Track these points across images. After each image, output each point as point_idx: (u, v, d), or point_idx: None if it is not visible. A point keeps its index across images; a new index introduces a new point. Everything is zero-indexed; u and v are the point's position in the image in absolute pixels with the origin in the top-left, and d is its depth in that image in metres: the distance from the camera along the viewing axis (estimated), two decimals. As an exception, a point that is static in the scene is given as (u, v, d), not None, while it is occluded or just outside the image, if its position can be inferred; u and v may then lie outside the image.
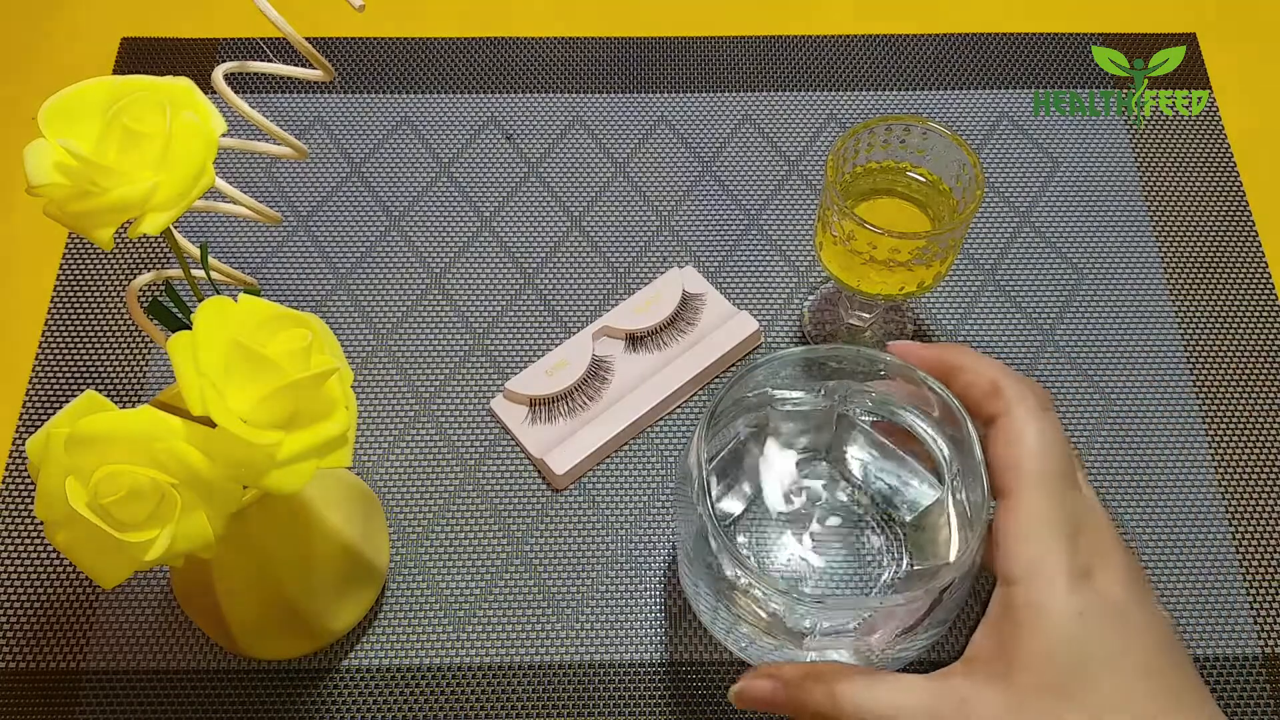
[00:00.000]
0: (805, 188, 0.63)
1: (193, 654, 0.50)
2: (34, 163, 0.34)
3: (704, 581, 0.42)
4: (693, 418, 0.56)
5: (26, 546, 0.52)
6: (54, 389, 0.56)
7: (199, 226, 0.61)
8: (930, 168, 0.50)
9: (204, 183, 0.35)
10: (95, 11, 0.69)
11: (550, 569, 0.52)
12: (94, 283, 0.60)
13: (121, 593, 0.51)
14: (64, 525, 0.33)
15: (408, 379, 0.57)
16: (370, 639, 0.50)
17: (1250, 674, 0.49)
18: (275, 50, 0.62)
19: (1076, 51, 0.68)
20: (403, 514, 0.53)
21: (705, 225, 0.62)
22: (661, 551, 0.52)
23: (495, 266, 0.61)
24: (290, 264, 0.60)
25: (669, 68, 0.68)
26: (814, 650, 0.41)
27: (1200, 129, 0.65)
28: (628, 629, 0.50)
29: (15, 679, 0.49)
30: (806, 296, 0.59)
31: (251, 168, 0.64)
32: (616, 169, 0.64)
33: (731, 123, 0.66)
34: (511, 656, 0.50)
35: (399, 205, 0.63)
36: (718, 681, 0.49)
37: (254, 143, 0.42)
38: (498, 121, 0.66)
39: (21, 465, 0.54)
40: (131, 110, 0.34)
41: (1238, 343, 0.58)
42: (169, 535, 0.32)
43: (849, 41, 0.69)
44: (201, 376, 0.33)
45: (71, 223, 0.35)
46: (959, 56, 0.68)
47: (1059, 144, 0.65)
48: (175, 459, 0.32)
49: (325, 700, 0.49)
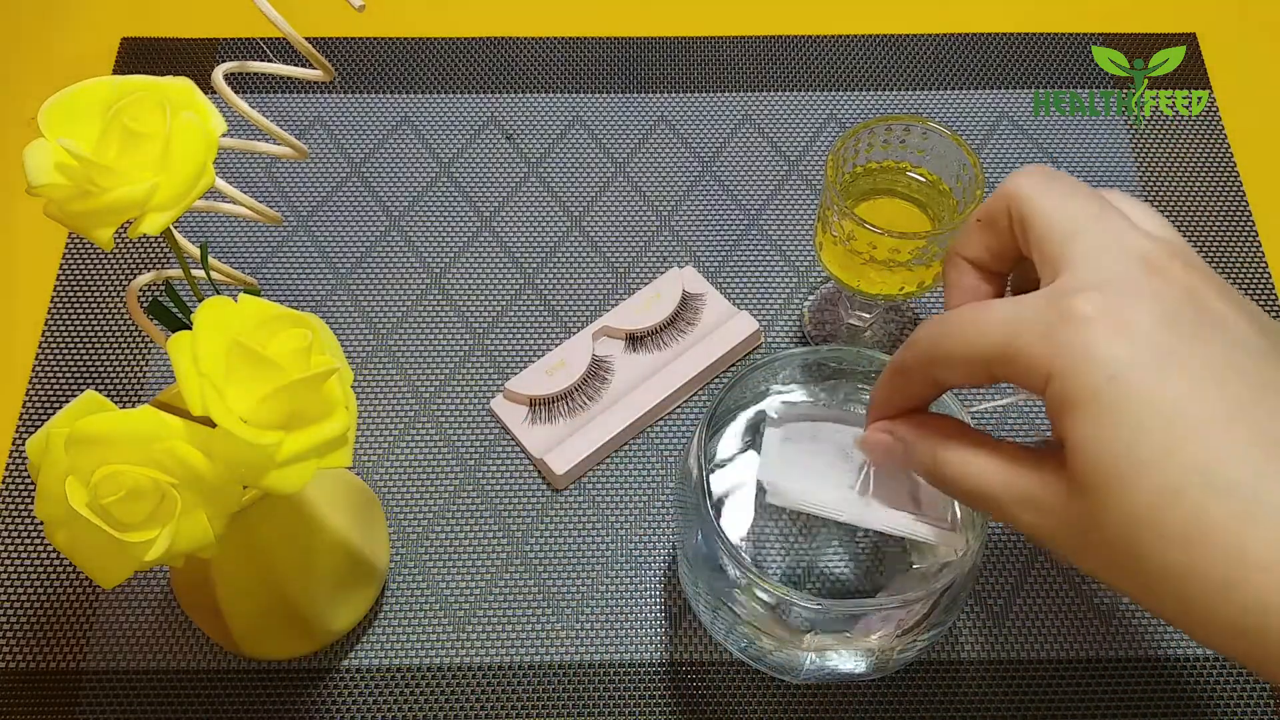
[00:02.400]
0: (805, 188, 0.63)
1: (193, 654, 0.50)
2: (34, 163, 0.34)
3: (704, 581, 0.42)
4: (693, 418, 0.56)
5: (26, 546, 0.52)
6: (54, 389, 0.56)
7: (199, 226, 0.61)
8: (930, 168, 0.50)
9: (204, 183, 0.35)
10: (95, 11, 0.69)
11: (550, 569, 0.52)
12: (94, 283, 0.60)
13: (121, 593, 0.51)
14: (64, 525, 0.33)
15: (408, 379, 0.57)
16: (370, 639, 0.50)
17: (1250, 673, 0.49)
18: (275, 50, 0.62)
19: (1076, 51, 0.68)
20: (403, 514, 0.53)
21: (705, 225, 0.62)
22: (661, 551, 0.52)
23: (495, 266, 0.61)
24: (290, 264, 0.60)
25: (669, 68, 0.68)
26: (814, 650, 0.41)
27: (1200, 129, 0.65)
28: (628, 629, 0.50)
29: (15, 679, 0.49)
30: (806, 296, 0.59)
31: (251, 168, 0.64)
32: (616, 169, 0.64)
33: (731, 123, 0.66)
34: (511, 656, 0.50)
35: (399, 205, 0.63)
36: (718, 681, 0.49)
37: (254, 143, 0.43)
38: (498, 121, 0.66)
39: (21, 465, 0.54)
40: (131, 110, 0.34)
41: (1238, 343, 0.58)
42: (169, 535, 0.32)
43: (849, 41, 0.69)
44: (201, 376, 0.33)
45: (71, 223, 0.35)
46: (959, 56, 0.68)
47: (1059, 144, 0.65)
48: (175, 459, 0.32)
49: (325, 700, 0.49)
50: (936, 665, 0.49)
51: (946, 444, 0.33)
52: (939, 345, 0.33)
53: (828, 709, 0.49)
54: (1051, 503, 0.30)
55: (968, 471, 0.32)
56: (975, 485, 0.32)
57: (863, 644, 0.41)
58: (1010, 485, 0.31)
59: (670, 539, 0.53)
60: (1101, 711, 0.49)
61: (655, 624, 0.51)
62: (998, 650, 0.50)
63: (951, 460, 0.33)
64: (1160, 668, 0.49)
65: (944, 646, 0.50)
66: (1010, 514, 0.31)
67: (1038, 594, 0.51)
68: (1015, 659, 0.50)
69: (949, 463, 0.33)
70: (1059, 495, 0.30)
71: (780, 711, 0.49)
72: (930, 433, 0.34)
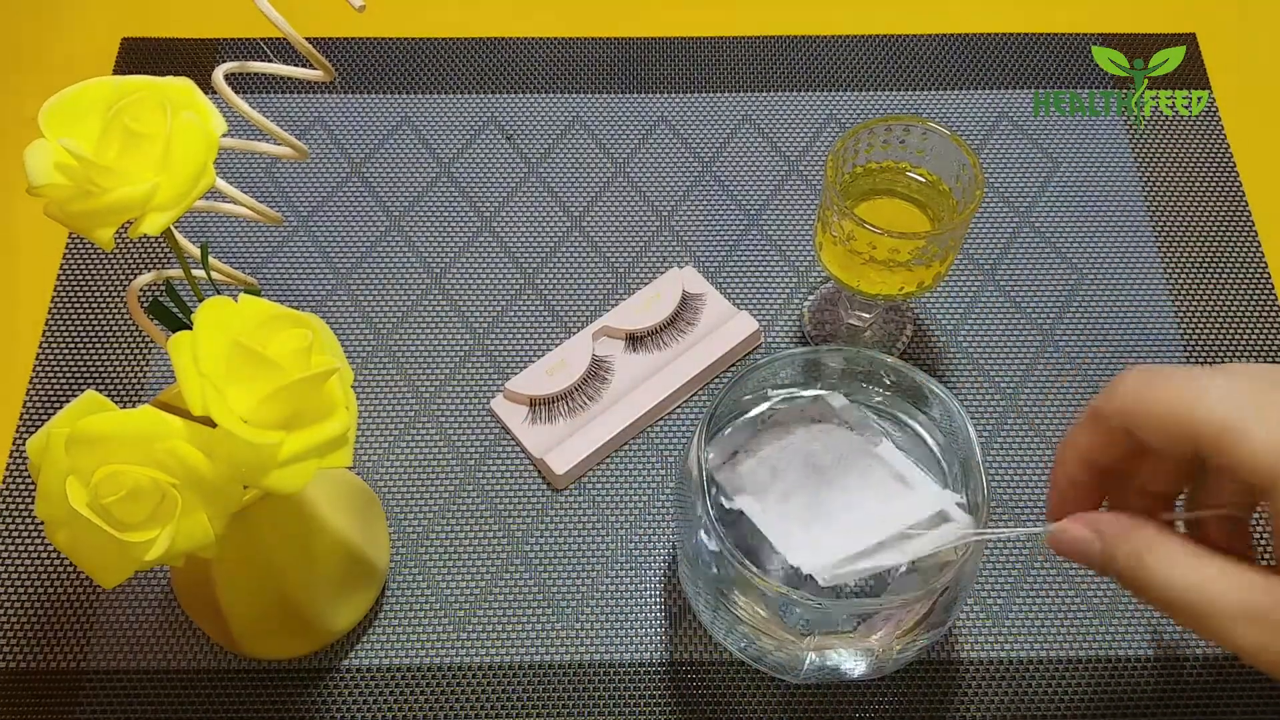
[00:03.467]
0: (805, 188, 0.63)
1: (193, 654, 0.50)
2: (34, 163, 0.34)
3: (704, 581, 0.42)
4: (693, 418, 0.56)
5: (27, 546, 0.52)
6: (54, 389, 0.56)
7: (199, 226, 0.61)
8: (930, 168, 0.50)
9: (204, 183, 0.35)
10: (95, 11, 0.69)
11: (550, 569, 0.52)
12: (94, 283, 0.60)
13: (122, 593, 0.51)
14: (64, 525, 0.33)
15: (408, 379, 0.57)
16: (370, 639, 0.50)
17: (1250, 673, 0.49)
18: (275, 50, 0.62)
19: (1076, 51, 0.68)
20: (403, 514, 0.53)
21: (705, 225, 0.62)
22: (661, 551, 0.52)
23: (495, 266, 0.61)
24: (290, 264, 0.61)
25: (669, 68, 0.68)
26: (814, 650, 0.41)
27: (1200, 129, 0.65)
28: (628, 629, 0.50)
29: (16, 679, 0.49)
30: (806, 296, 0.60)
31: (252, 168, 0.64)
32: (616, 169, 0.64)
33: (731, 123, 0.66)
34: (511, 656, 0.50)
35: (399, 205, 0.63)
36: (718, 681, 0.49)
37: (254, 143, 0.43)
38: (498, 121, 0.66)
39: (21, 465, 0.54)
40: (132, 110, 0.34)
41: (1237, 343, 0.58)
42: (169, 535, 0.33)
43: (849, 41, 0.69)
44: (202, 377, 0.33)
45: (72, 223, 0.35)
46: (959, 56, 0.68)
47: (1059, 144, 0.65)
48: (176, 459, 0.32)
49: (325, 700, 0.49)
50: (936, 665, 0.49)
51: (1154, 543, 0.31)
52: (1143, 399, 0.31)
53: (828, 709, 0.49)
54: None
55: (1177, 576, 0.30)
56: (1186, 592, 0.29)
57: (863, 644, 0.41)
58: (1231, 594, 0.29)
59: (670, 539, 0.53)
60: (1101, 711, 0.49)
61: (655, 624, 0.51)
62: (997, 650, 0.50)
63: (1159, 564, 0.30)
64: (1160, 668, 0.49)
65: (944, 646, 0.50)
66: (1224, 628, 0.29)
67: (1038, 594, 0.51)
68: (1015, 659, 0.50)
69: (1154, 567, 0.30)
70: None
71: (780, 711, 0.49)
72: (1135, 529, 0.32)
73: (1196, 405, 0.29)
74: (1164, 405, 0.30)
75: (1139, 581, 0.31)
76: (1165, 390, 0.30)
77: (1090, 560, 0.33)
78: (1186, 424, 0.30)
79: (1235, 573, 0.29)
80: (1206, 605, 0.29)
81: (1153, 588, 0.30)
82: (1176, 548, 0.30)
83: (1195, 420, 0.29)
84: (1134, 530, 0.32)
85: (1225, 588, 0.29)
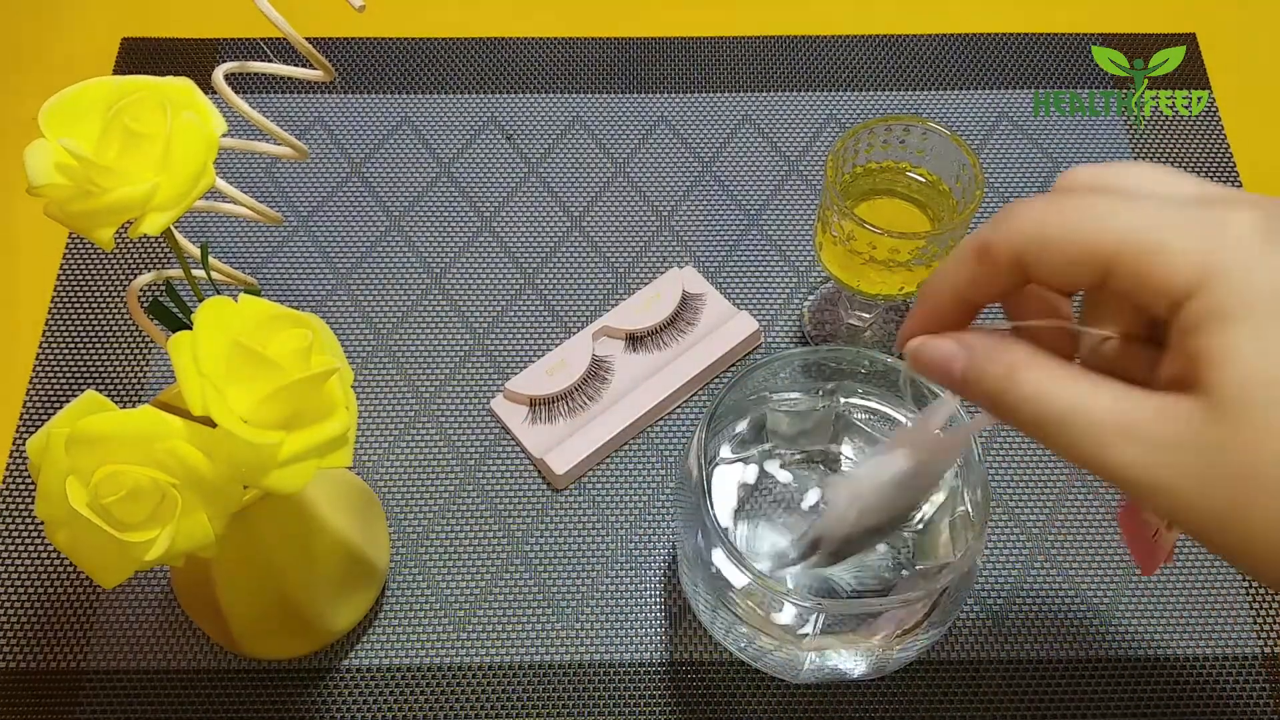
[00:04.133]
0: (805, 188, 0.63)
1: (193, 654, 0.50)
2: (34, 163, 0.34)
3: (703, 581, 0.42)
4: (693, 418, 0.56)
5: (26, 546, 0.52)
6: (54, 389, 0.56)
7: (199, 226, 0.61)
8: (930, 168, 0.50)
9: (204, 183, 0.35)
10: (95, 11, 0.69)
11: (550, 569, 0.52)
12: (94, 283, 0.60)
13: (122, 593, 0.51)
14: (65, 525, 0.33)
15: (408, 379, 0.57)
16: (370, 639, 0.50)
17: (1250, 674, 0.49)
18: (275, 50, 0.62)
19: (1076, 51, 0.68)
20: (403, 514, 0.53)
21: (705, 225, 0.62)
22: (661, 551, 0.52)
23: (495, 266, 0.61)
24: (290, 264, 0.61)
25: (669, 68, 0.68)
26: (814, 650, 0.41)
27: (1200, 129, 0.65)
28: (628, 629, 0.50)
29: (16, 679, 0.49)
30: (806, 296, 0.60)
31: (252, 168, 0.64)
32: (616, 169, 0.64)
33: (731, 123, 0.66)
34: (511, 656, 0.50)
35: (399, 205, 0.63)
36: (718, 681, 0.49)
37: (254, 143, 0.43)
38: (498, 121, 0.66)
39: (21, 465, 0.54)
40: (132, 110, 0.34)
41: (1237, 343, 0.58)
42: (169, 535, 0.33)
43: (849, 41, 0.69)
44: (202, 376, 0.33)
45: (72, 223, 0.35)
46: (959, 56, 0.68)
47: (1059, 144, 0.65)
48: (176, 459, 0.32)
49: (325, 700, 0.49)
50: (936, 665, 0.49)
51: (1030, 360, 0.28)
52: (1046, 224, 0.28)
53: (828, 709, 0.49)
54: (1166, 433, 0.26)
55: (1053, 391, 0.27)
56: (1063, 409, 0.27)
57: (863, 644, 0.41)
58: (1112, 410, 0.26)
59: (670, 539, 0.53)
60: (1101, 711, 0.49)
61: (655, 624, 0.51)
62: (997, 650, 0.50)
63: (1032, 379, 0.27)
64: (1160, 668, 0.49)
65: (944, 646, 0.50)
66: (1100, 447, 0.26)
67: (1038, 594, 0.51)
68: (1015, 659, 0.50)
69: (1028, 381, 0.28)
70: (1183, 422, 0.25)
71: (780, 711, 0.49)
72: (1008, 346, 0.29)
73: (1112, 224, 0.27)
74: (1071, 230, 0.28)
75: (1009, 401, 0.28)
76: (1074, 214, 0.28)
77: (951, 379, 0.30)
78: (1095, 246, 0.27)
79: (1116, 390, 0.27)
80: (1084, 423, 0.27)
81: (1024, 407, 0.28)
82: (1054, 365, 0.28)
83: (1107, 243, 0.27)
84: (1006, 347, 0.29)
85: (1105, 404, 0.26)
